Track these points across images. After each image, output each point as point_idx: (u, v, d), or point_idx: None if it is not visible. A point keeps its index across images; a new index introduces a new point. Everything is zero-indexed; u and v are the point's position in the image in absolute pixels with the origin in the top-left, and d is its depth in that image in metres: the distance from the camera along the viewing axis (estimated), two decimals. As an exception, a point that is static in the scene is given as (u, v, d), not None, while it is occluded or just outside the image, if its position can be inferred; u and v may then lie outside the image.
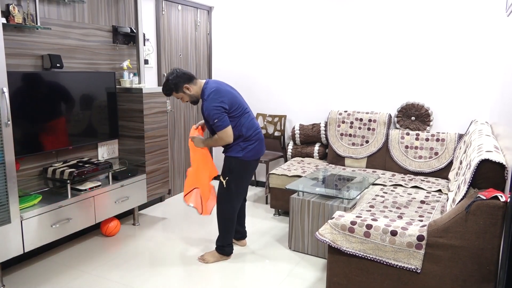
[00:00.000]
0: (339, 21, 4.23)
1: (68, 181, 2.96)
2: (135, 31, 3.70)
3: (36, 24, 2.93)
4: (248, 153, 2.90)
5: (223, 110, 2.75)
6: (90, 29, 3.40)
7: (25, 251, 2.66)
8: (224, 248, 3.02)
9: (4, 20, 2.67)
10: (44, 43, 3.04)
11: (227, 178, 2.93)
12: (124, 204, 3.40)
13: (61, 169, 3.01)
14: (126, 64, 3.67)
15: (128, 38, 3.73)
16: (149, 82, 4.10)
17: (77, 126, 3.23)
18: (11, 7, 2.73)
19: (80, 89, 3.21)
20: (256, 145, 2.93)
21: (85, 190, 3.09)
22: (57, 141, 3.08)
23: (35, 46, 2.99)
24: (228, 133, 2.79)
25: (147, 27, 4.01)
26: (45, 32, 3.04)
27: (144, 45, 3.88)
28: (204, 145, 3.00)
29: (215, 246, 3.07)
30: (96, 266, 2.93)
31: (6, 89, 2.43)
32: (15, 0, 2.81)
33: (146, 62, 3.96)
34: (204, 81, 2.90)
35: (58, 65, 3.05)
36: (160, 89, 3.73)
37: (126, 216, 3.89)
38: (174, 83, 2.81)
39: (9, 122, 2.46)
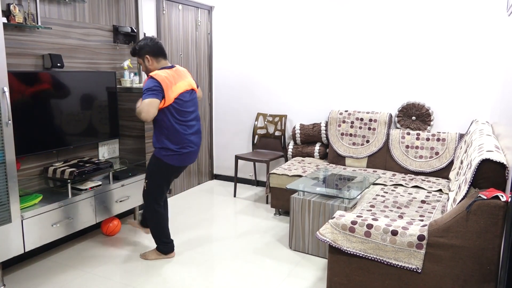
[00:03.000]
0: (340, 21, 4.23)
1: (69, 180, 2.96)
2: (135, 30, 3.70)
3: (37, 23, 2.93)
4: (169, 157, 2.79)
5: (154, 88, 2.61)
6: (91, 28, 3.40)
7: (26, 250, 2.66)
8: (159, 247, 3.04)
9: (5, 20, 2.67)
10: (44, 43, 3.04)
11: (146, 180, 2.92)
12: (124, 203, 3.40)
13: (62, 168, 3.01)
14: (126, 63, 3.67)
15: (128, 38, 3.73)
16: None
17: (77, 126, 3.23)
18: (11, 7, 2.73)
19: (80, 88, 3.21)
20: (180, 155, 2.82)
21: (86, 189, 3.09)
22: (58, 141, 3.08)
23: (36, 46, 2.99)
24: (151, 104, 2.57)
25: (147, 26, 4.01)
26: (46, 32, 3.04)
27: (145, 44, 3.87)
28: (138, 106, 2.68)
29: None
30: (96, 265, 2.93)
31: (7, 89, 2.43)
32: (15, -1, 2.82)
33: (146, 61, 3.95)
34: (168, 65, 2.82)
35: (58, 64, 3.05)
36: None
37: (126, 215, 3.89)
38: (141, 45, 2.77)
39: (9, 121, 2.46)
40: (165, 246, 3.03)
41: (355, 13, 4.14)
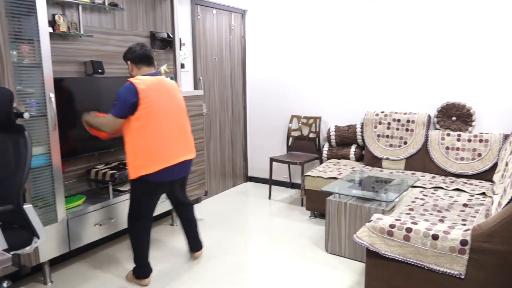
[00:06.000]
0: (374, 19, 4.16)
1: (110, 182, 3.06)
2: (171, 36, 3.79)
3: (80, 32, 3.07)
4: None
5: (128, 103, 2.45)
6: (129, 35, 3.51)
7: (71, 249, 2.79)
8: (135, 269, 2.74)
9: (50, 30, 2.81)
10: (86, 50, 3.17)
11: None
12: (162, 205, 3.48)
13: (103, 170, 3.12)
14: (163, 68, 3.76)
15: (165, 43, 3.82)
16: (186, 85, 4.18)
17: (117, 130, 3.33)
18: (56, 17, 2.87)
19: (120, 93, 3.31)
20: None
21: (126, 191, 3.19)
22: (99, 144, 3.20)
23: (79, 53, 3.12)
24: (112, 122, 2.47)
25: (183, 31, 4.09)
26: (88, 40, 3.17)
27: (181, 49, 3.96)
28: (86, 121, 2.64)
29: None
30: (136, 265, 3.02)
31: (53, 95, 2.56)
32: (60, 9, 2.95)
33: (182, 66, 4.04)
34: (148, 74, 2.64)
35: (99, 71, 3.17)
36: (196, 92, 3.81)
37: (164, 217, 3.98)
38: (126, 51, 2.68)
39: (55, 126, 2.58)
40: (141, 270, 2.72)
41: (390, 10, 4.06)
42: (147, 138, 2.50)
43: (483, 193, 3.16)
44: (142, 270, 2.71)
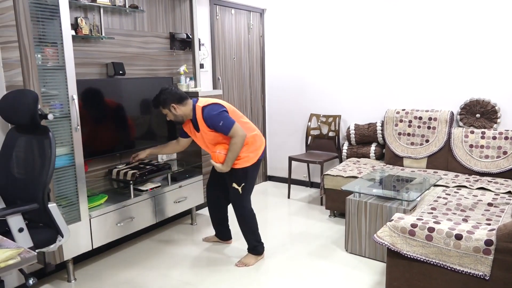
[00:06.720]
0: (394, 15, 4.09)
1: (131, 182, 3.11)
2: (191, 36, 3.82)
3: (101, 34, 3.12)
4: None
5: (224, 112, 2.82)
6: (150, 36, 3.56)
7: (94, 247, 2.85)
8: (258, 248, 3.06)
9: (73, 32, 2.87)
10: (108, 52, 3.23)
11: (243, 184, 2.93)
12: (182, 204, 3.52)
13: (124, 170, 3.18)
14: (183, 69, 3.79)
15: (184, 44, 3.86)
16: (205, 85, 4.21)
17: (138, 130, 3.39)
18: (79, 20, 2.93)
19: (140, 94, 3.37)
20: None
21: (146, 190, 3.23)
22: (121, 144, 3.25)
23: (100, 55, 3.18)
24: (239, 127, 2.78)
25: (202, 32, 4.12)
26: (109, 42, 3.23)
27: (200, 50, 3.99)
28: (229, 163, 2.84)
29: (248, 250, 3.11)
30: (157, 263, 3.06)
31: (75, 96, 2.62)
32: (82, 13, 3.01)
33: (201, 66, 4.07)
34: (193, 100, 2.94)
35: (121, 72, 3.22)
36: (215, 92, 3.83)
37: (184, 216, 4.02)
38: (163, 98, 2.86)
39: (78, 127, 2.64)
40: (261, 246, 3.07)
41: (412, 5, 3.98)
42: (246, 130, 2.88)
43: (509, 192, 3.08)
44: (262, 246, 3.07)
